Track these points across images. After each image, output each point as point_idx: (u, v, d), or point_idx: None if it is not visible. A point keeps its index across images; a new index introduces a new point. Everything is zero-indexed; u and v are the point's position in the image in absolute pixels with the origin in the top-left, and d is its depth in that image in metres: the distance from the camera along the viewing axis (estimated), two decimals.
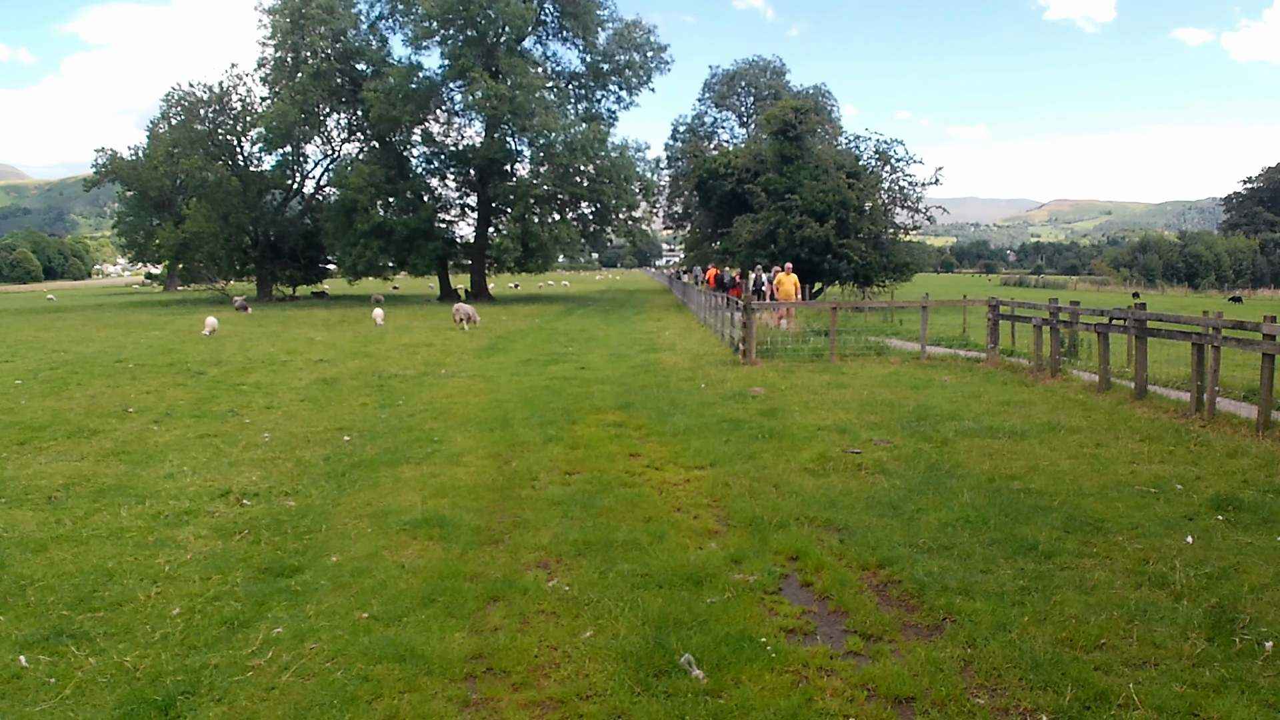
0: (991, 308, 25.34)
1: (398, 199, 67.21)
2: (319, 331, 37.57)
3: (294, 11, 64.74)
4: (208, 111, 70.38)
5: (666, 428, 15.45)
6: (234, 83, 71.65)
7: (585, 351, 29.37)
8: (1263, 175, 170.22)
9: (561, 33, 71.92)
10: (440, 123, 71.23)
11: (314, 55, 66.33)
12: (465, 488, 11.55)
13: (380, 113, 62.56)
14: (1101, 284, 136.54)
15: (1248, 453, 12.79)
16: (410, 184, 68.54)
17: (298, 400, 18.94)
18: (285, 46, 66.55)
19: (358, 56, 68.31)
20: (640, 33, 71.55)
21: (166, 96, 71.80)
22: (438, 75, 67.30)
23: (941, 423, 15.44)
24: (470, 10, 61.14)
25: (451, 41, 64.52)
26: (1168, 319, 18.26)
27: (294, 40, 65.80)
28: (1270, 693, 6.04)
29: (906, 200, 62.37)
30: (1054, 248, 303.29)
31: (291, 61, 67.03)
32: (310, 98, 65.96)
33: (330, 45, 66.57)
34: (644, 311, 54.28)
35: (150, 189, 74.21)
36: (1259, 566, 8.30)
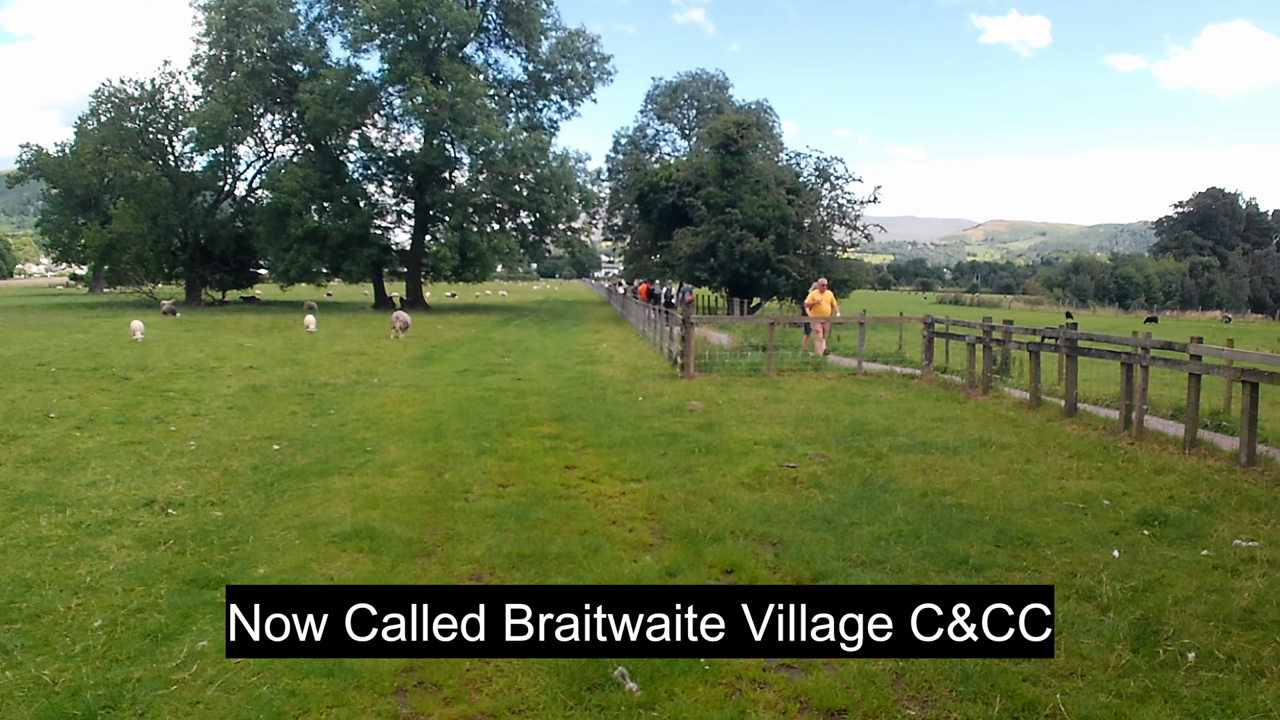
0: (927, 325, 25.56)
1: (333, 204, 66.75)
2: (249, 338, 37.11)
3: (230, 9, 63.92)
4: (138, 109, 69.41)
5: (603, 440, 15.42)
6: (166, 80, 70.75)
7: (522, 362, 29.31)
8: (1193, 200, 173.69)
9: (504, 40, 71.81)
10: (378, 127, 70.86)
11: (249, 54, 65.63)
12: (397, 499, 11.43)
13: (316, 115, 61.98)
14: (1035, 303, 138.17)
15: (1174, 470, 13.02)
16: (346, 189, 68.05)
17: (226, 408, 18.67)
18: (220, 44, 65.71)
19: (295, 57, 67.76)
20: (584, 42, 71.74)
21: (96, 93, 70.82)
22: (377, 79, 67.04)
23: (876, 438, 15.53)
24: (412, 14, 60.79)
25: (392, 45, 64.15)
26: (1098, 339, 18.52)
27: (229, 38, 64.97)
28: (1192, 702, 6.17)
29: (845, 218, 62.76)
30: (989, 267, 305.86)
31: (226, 60, 66.26)
32: (244, 98, 65.25)
33: (266, 45, 66.00)
34: (582, 323, 54.25)
35: (77, 187, 73.06)
36: (1183, 580, 8.46)
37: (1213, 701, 6.19)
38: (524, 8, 68.86)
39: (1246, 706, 6.12)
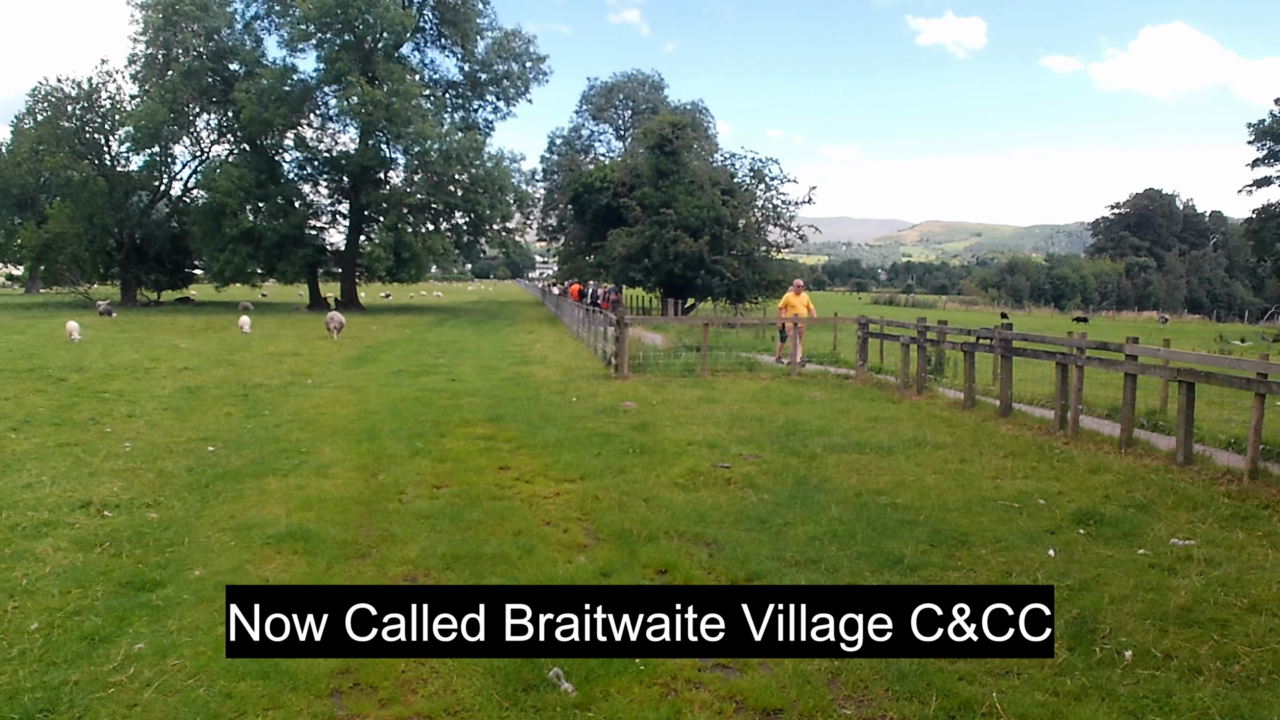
0: (861, 326, 25.66)
1: (268, 204, 66.11)
2: (184, 339, 36.70)
3: (167, 8, 63.06)
4: (75, 108, 68.18)
5: (537, 441, 15.35)
6: (103, 79, 69.46)
7: (456, 363, 29.17)
8: (1130, 201, 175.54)
9: (440, 40, 71.42)
10: (314, 127, 70.34)
11: (186, 53, 64.83)
12: (331, 500, 11.32)
13: (252, 114, 61.35)
14: (970, 304, 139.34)
15: (1110, 469, 13.09)
16: (281, 189, 67.44)
17: (161, 409, 18.41)
18: (157, 43, 64.76)
19: (231, 56, 67.00)
20: (520, 43, 71.57)
21: (33, 92, 69.29)
22: (313, 79, 66.53)
23: (810, 438, 15.54)
24: (348, 14, 60.33)
25: (328, 45, 63.63)
26: (1033, 339, 18.63)
27: (166, 37, 64.06)
28: (1130, 700, 6.18)
29: (780, 218, 62.94)
30: (924, 268, 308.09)
31: (163, 59, 65.33)
32: (180, 97, 64.46)
33: (203, 44, 65.27)
34: (516, 324, 54.15)
35: (13, 186, 71.26)
36: (1119, 578, 8.48)
37: (1150, 699, 6.19)
38: (460, 8, 68.55)
39: (1184, 704, 6.11)
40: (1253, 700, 6.16)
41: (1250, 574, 8.58)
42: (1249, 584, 8.28)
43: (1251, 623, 7.43)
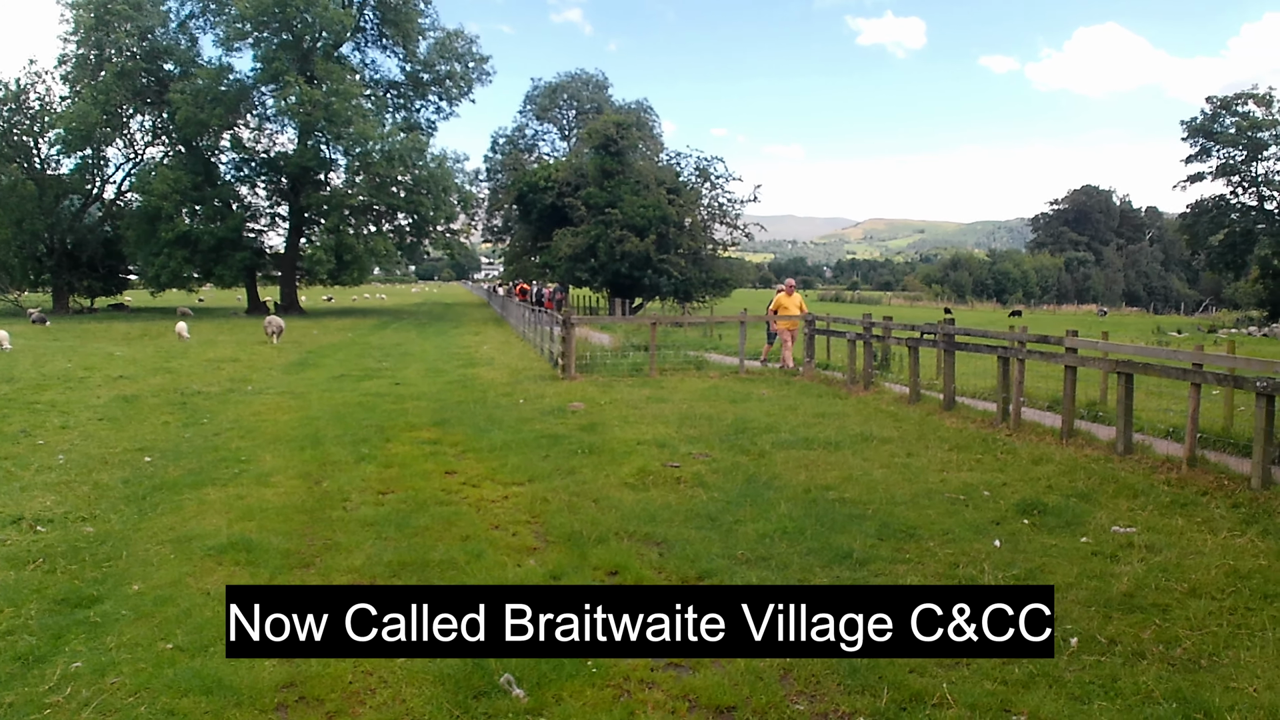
0: (808, 323, 25.77)
1: (204, 207, 65.31)
2: (119, 346, 36.07)
3: (99, 6, 61.88)
4: (2, 110, 66.16)
5: (484, 444, 15.24)
6: (32, 80, 67.31)
7: (400, 367, 28.96)
8: (1068, 197, 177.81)
9: (381, 40, 70.96)
10: (251, 128, 69.30)
11: (119, 53, 63.69)
12: (273, 510, 11.15)
13: (187, 115, 60.39)
14: (915, 300, 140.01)
15: (1052, 459, 13.24)
16: (218, 191, 66.64)
17: (96, 419, 18.05)
18: (88, 43, 63.60)
19: (165, 56, 66.09)
20: (462, 43, 71.27)
21: None
22: (249, 78, 65.68)
23: (759, 435, 15.58)
24: (286, 13, 59.68)
25: (265, 44, 62.92)
26: (975, 334, 18.81)
27: (98, 37, 62.89)
28: (1076, 686, 6.28)
29: (726, 217, 63.22)
30: (869, 264, 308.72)
31: (95, 59, 64.14)
32: (113, 98, 63.13)
33: (136, 43, 64.17)
34: (462, 325, 53.89)
35: None
36: (1063, 567, 8.60)
37: (1096, 685, 6.30)
38: (402, 8, 68.16)
39: (1129, 688, 6.23)
40: (1194, 682, 6.28)
41: (1190, 559, 8.73)
42: (1189, 569, 8.43)
43: (1192, 607, 7.58)
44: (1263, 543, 9.25)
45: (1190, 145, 74.34)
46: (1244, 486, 11.20)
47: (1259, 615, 7.43)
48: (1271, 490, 10.93)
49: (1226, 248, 75.55)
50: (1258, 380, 11.25)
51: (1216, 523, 9.98)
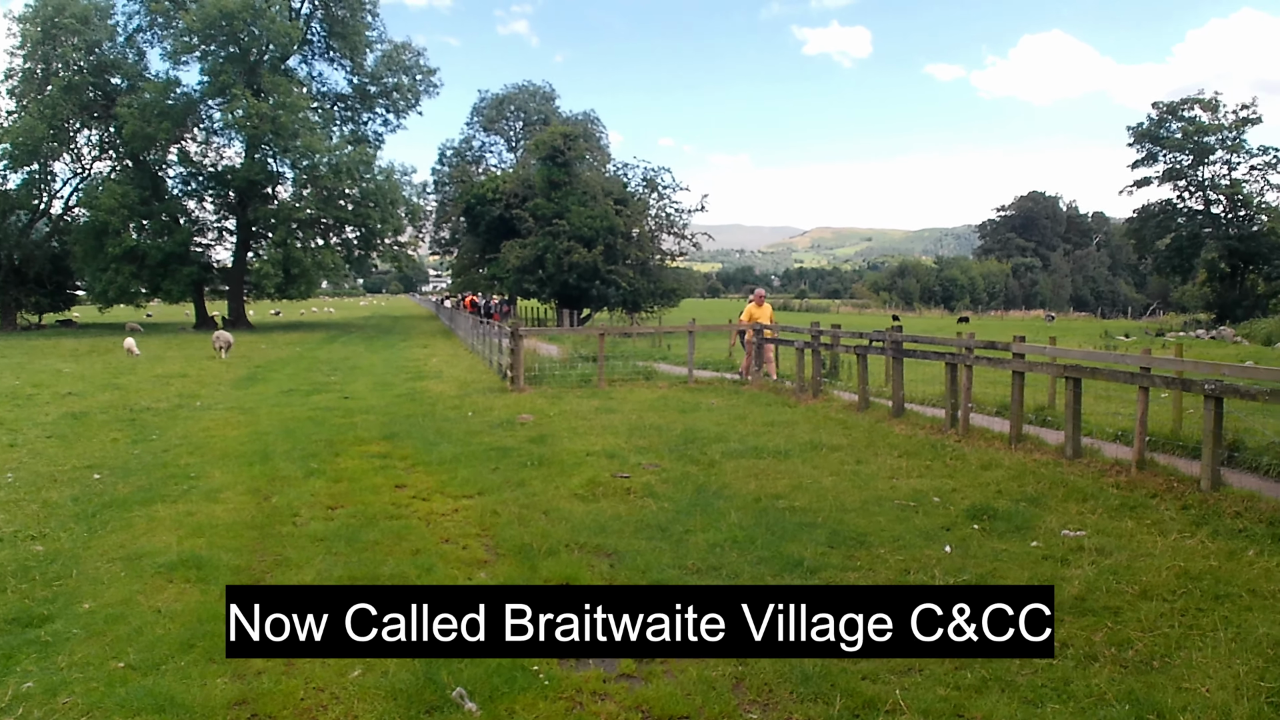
0: (756, 332, 25.74)
1: (152, 221, 64.62)
2: (67, 362, 35.71)
3: (46, 20, 61.40)
4: None
5: (433, 457, 15.18)
6: None
7: (349, 380, 28.80)
8: (1015, 203, 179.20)
9: (329, 53, 70.72)
10: (198, 142, 68.86)
11: (66, 67, 63.26)
12: (223, 526, 11.05)
13: (134, 129, 59.93)
14: (863, 307, 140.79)
15: (1001, 465, 13.29)
16: (165, 206, 66.03)
17: (44, 437, 17.86)
18: (35, 57, 63.00)
19: (113, 70, 65.52)
20: (409, 55, 71.23)
21: None
22: (197, 92, 65.11)
23: (708, 445, 15.57)
24: (233, 26, 59.23)
25: (212, 57, 62.37)
26: (923, 340, 18.88)
27: (45, 51, 62.41)
28: (1029, 690, 6.29)
29: (673, 227, 63.41)
30: (817, 273, 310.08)
31: (42, 73, 63.55)
32: (60, 112, 62.59)
33: (84, 57, 63.69)
34: (410, 338, 53.60)
35: None
36: (1014, 571, 8.63)
37: (1049, 688, 6.31)
38: (349, 20, 67.98)
39: (1081, 691, 6.24)
40: (1147, 684, 6.30)
41: (1140, 561, 8.77)
42: (1139, 571, 8.46)
43: (1143, 609, 7.61)
44: (1213, 544, 9.30)
45: (1137, 150, 74.99)
46: (1194, 488, 11.28)
47: (1210, 616, 7.46)
48: (1221, 491, 11.02)
49: (1173, 251, 76.19)
50: (1206, 382, 11.33)
51: (1166, 525, 10.04)
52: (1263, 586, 8.07)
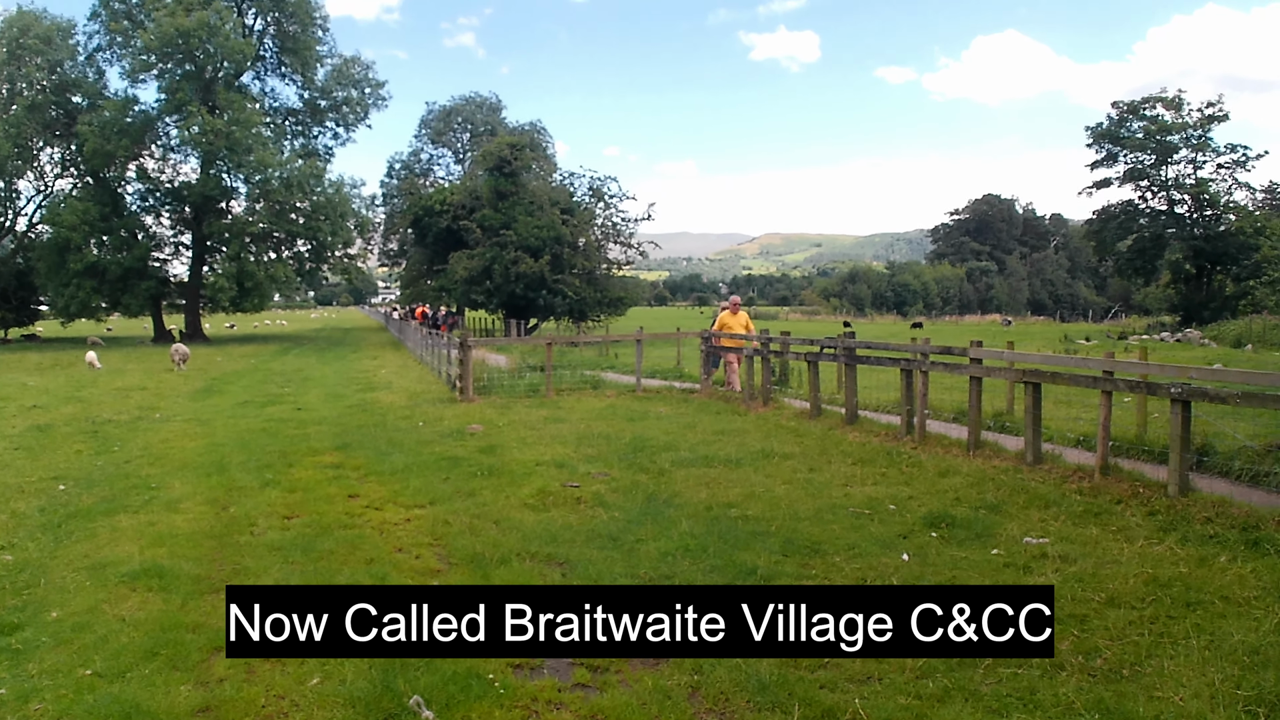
0: (705, 340, 25.67)
1: (111, 237, 64.78)
2: (31, 376, 35.79)
3: (11, 41, 61.86)
4: None
5: (385, 467, 15.15)
6: None
7: (302, 392, 28.78)
8: (969, 207, 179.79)
9: (281, 68, 71.03)
10: (156, 158, 68.99)
11: (29, 86, 63.55)
12: (183, 535, 11.05)
13: (95, 147, 60.09)
14: (813, 314, 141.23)
15: (959, 471, 13.25)
16: (124, 222, 66.09)
17: (11, 449, 17.89)
18: (1, 78, 63.35)
19: (74, 88, 65.74)
20: (358, 69, 71.66)
21: None
22: (154, 109, 65.34)
23: (658, 453, 15.54)
24: (189, 44, 59.35)
25: (169, 75, 62.67)
26: (877, 346, 18.86)
27: (10, 71, 62.76)
28: (993, 699, 6.18)
29: (620, 236, 63.40)
30: (765, 280, 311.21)
31: (6, 93, 63.86)
32: (24, 131, 62.95)
33: (46, 76, 63.96)
34: (360, 350, 53.78)
35: None
36: (975, 579, 8.54)
37: (1014, 697, 6.20)
38: (300, 36, 68.40)
39: (1048, 700, 6.13)
40: (1116, 692, 6.19)
41: (1107, 568, 8.68)
42: (1106, 578, 8.37)
43: (1111, 616, 7.51)
44: (1182, 550, 9.22)
45: (1096, 151, 75.52)
46: (1160, 494, 11.15)
47: (1181, 623, 7.37)
48: (1190, 497, 10.88)
49: (1135, 253, 76.83)
50: (1171, 386, 11.23)
51: (1133, 531, 9.96)
52: (1236, 593, 7.96)
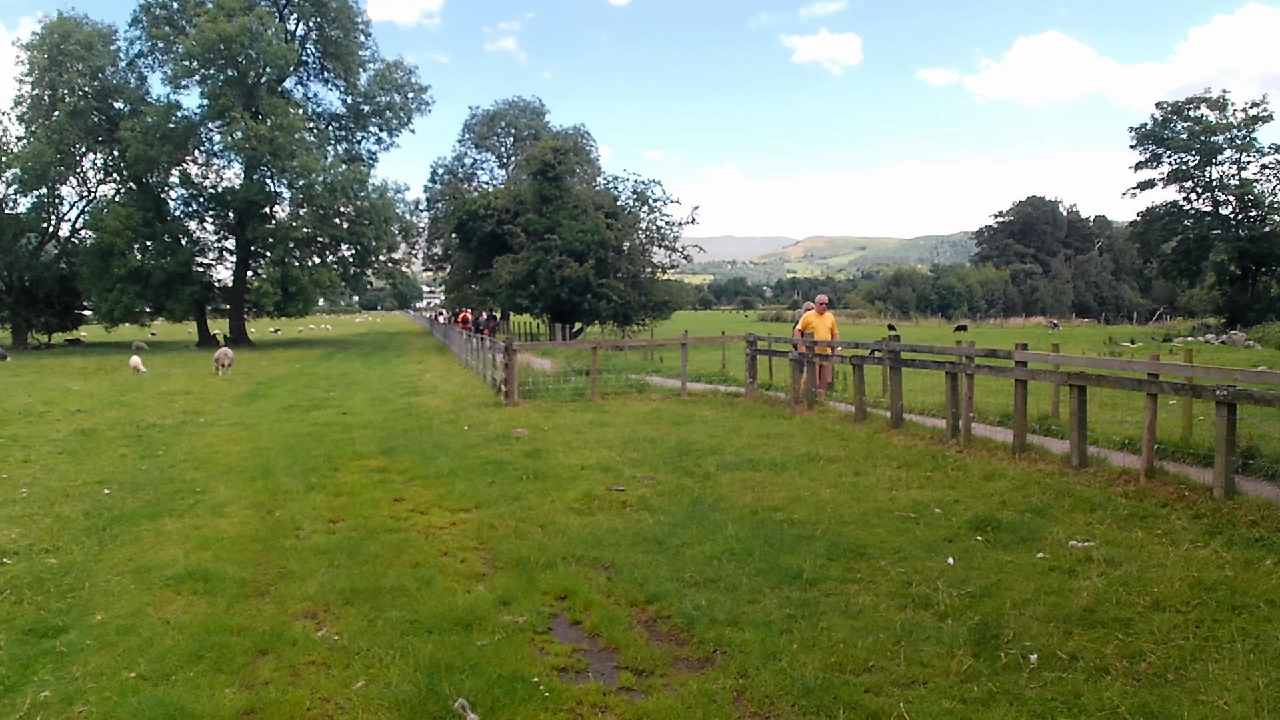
0: (749, 343, 25.65)
1: (155, 242, 64.94)
2: (76, 380, 35.90)
3: (53, 48, 62.21)
4: None
5: (430, 471, 15.20)
6: None
7: (347, 396, 28.89)
8: (1013, 209, 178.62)
9: (323, 74, 71.32)
10: (199, 164, 69.34)
11: (71, 93, 63.74)
12: (228, 539, 11.10)
13: (137, 153, 60.23)
14: (858, 317, 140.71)
15: (1004, 475, 13.16)
16: (168, 227, 66.36)
17: (56, 453, 17.97)
18: (43, 84, 63.63)
19: (116, 94, 65.96)
20: (401, 74, 71.55)
21: None
22: (197, 115, 65.48)
23: (703, 457, 15.51)
24: (231, 50, 59.51)
25: (211, 81, 62.71)
26: (922, 350, 18.74)
27: (51, 77, 63.07)
28: (1038, 703, 6.14)
29: (664, 239, 63.45)
30: (810, 283, 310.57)
31: (49, 99, 64.10)
32: (66, 137, 63.11)
33: (88, 83, 64.17)
34: (405, 354, 53.87)
35: None
36: (1020, 583, 8.48)
37: (1058, 701, 6.17)
38: (343, 41, 68.59)
39: (1093, 704, 6.10)
40: (1161, 697, 6.15)
41: (1152, 572, 8.62)
42: (1151, 582, 8.32)
43: (1156, 620, 7.47)
44: (1227, 554, 9.14)
45: (1140, 152, 74.73)
46: (1206, 497, 11.06)
47: (1226, 627, 7.31)
48: (1235, 500, 10.79)
49: (1180, 255, 75.97)
50: (1217, 389, 11.13)
51: (1178, 534, 9.89)
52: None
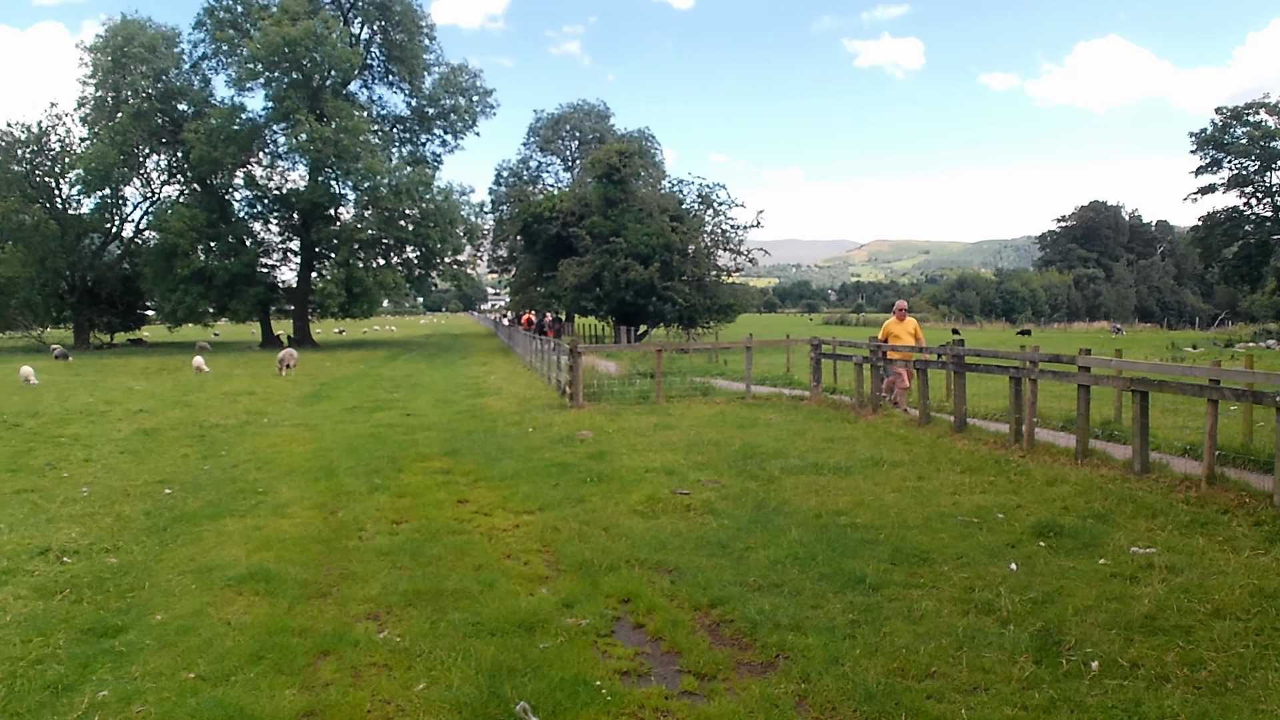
0: (814, 347, 25.62)
1: (219, 243, 65.54)
2: (138, 380, 36.28)
3: (116, 50, 62.86)
4: (25, 152, 66.59)
5: (494, 473, 15.25)
6: (53, 122, 67.84)
7: (411, 397, 28.98)
8: (1075, 213, 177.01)
9: (388, 77, 71.80)
10: (263, 165, 70.09)
11: (135, 95, 64.39)
12: (291, 540, 11.16)
13: (201, 154, 60.85)
14: (921, 321, 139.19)
15: (1067, 480, 13.09)
16: (232, 228, 67.00)
17: (117, 452, 18.12)
18: (106, 85, 64.38)
19: (180, 96, 66.80)
20: (466, 77, 71.86)
21: None
22: (261, 117, 65.97)
23: (768, 461, 15.50)
24: (296, 53, 59.98)
25: (276, 83, 63.25)
26: (985, 354, 18.68)
27: (115, 79, 63.77)
28: (1099, 711, 6.15)
29: (729, 243, 63.42)
30: (874, 287, 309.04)
31: (112, 101, 64.78)
32: (130, 138, 63.77)
33: (152, 85, 64.88)
34: (470, 356, 53.94)
35: None
36: (1082, 590, 8.46)
37: (1119, 709, 6.17)
38: (407, 45, 68.99)
39: (1153, 713, 6.10)
40: (1221, 705, 6.15)
41: (1212, 579, 8.58)
42: (1212, 589, 8.28)
43: (1216, 628, 7.43)
44: None
45: (1200, 157, 74.14)
46: (1266, 504, 11.01)
47: None
48: None
49: (1241, 260, 75.17)
50: (1276, 395, 11.09)
51: (1239, 541, 9.82)
52: None
